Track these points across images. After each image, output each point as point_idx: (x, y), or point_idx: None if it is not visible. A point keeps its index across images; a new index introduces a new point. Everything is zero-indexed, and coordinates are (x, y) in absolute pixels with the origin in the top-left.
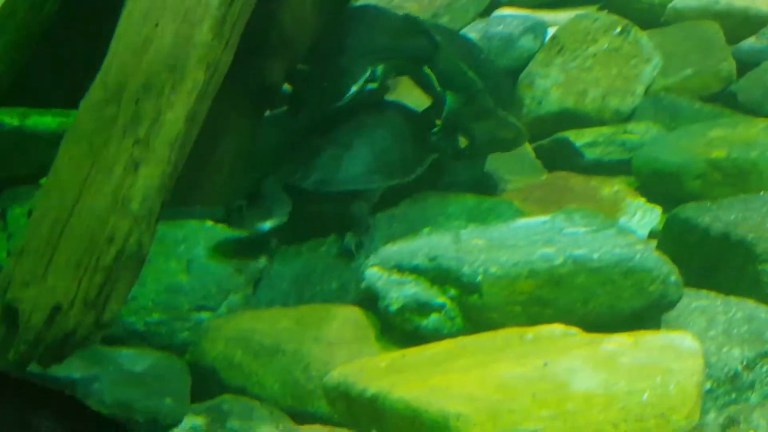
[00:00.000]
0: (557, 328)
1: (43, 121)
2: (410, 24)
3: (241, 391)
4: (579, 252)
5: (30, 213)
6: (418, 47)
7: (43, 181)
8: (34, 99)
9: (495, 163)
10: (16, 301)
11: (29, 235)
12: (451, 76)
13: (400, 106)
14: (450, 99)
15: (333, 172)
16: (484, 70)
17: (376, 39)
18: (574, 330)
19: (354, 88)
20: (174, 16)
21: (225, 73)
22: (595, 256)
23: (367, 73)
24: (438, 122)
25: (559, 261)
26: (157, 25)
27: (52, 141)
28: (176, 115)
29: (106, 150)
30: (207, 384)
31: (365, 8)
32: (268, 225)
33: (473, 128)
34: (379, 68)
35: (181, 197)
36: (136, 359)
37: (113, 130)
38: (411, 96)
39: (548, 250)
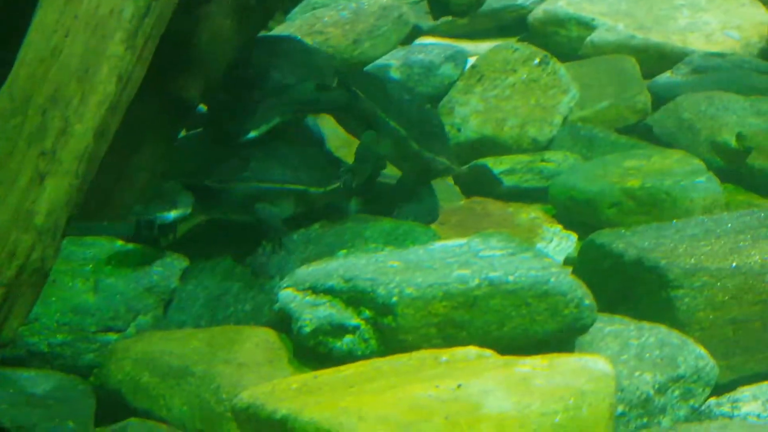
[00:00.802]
0: (472, 350)
1: None
2: (328, 75)
3: (147, 415)
4: (494, 274)
5: None
6: (334, 100)
7: None
8: None
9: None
10: None
11: None
12: (370, 123)
13: (314, 138)
14: (366, 137)
15: (238, 173)
16: (408, 109)
17: (291, 91)
18: (488, 352)
19: (253, 134)
20: (85, 27)
21: (137, 87)
22: (510, 278)
23: (274, 123)
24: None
25: (474, 283)
26: (67, 35)
27: None
28: (85, 126)
29: (10, 161)
30: (112, 407)
31: (287, 42)
32: (172, 215)
33: (381, 165)
34: (286, 118)
35: (90, 212)
36: (37, 381)
37: (18, 141)
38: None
39: (464, 272)
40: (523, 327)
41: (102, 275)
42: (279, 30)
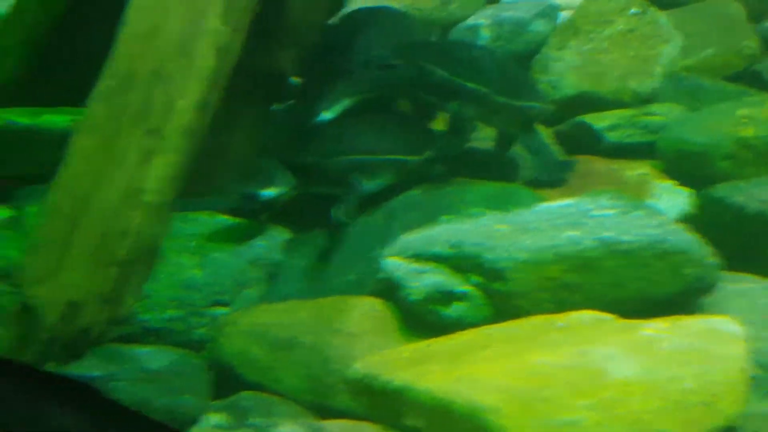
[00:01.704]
0: (588, 314)
1: (55, 119)
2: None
3: (259, 387)
4: (608, 234)
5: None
6: (401, 76)
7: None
8: (47, 97)
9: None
10: (32, 299)
11: (42, 231)
12: (445, 92)
13: (400, 110)
14: (452, 107)
15: (335, 146)
16: (482, 65)
17: (363, 71)
18: (607, 316)
19: (326, 116)
20: (183, 3)
21: (235, 59)
22: (625, 238)
23: (346, 104)
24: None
25: (587, 244)
26: (166, 11)
27: (64, 139)
28: (188, 102)
29: (118, 140)
30: (225, 380)
31: (376, 12)
32: (271, 192)
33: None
34: (356, 99)
35: (189, 188)
36: (153, 357)
37: (124, 120)
38: None
39: (575, 233)
40: (641, 289)
41: (207, 250)
42: None
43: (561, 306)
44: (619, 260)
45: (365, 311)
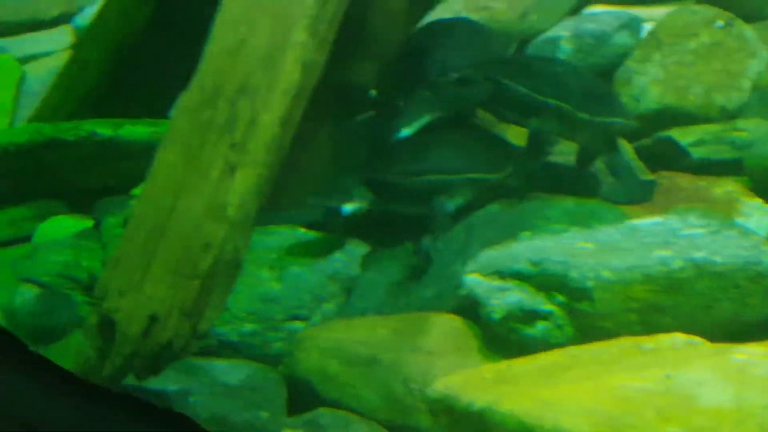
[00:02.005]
0: (679, 337)
1: (137, 130)
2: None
3: (336, 404)
4: (699, 255)
5: (125, 222)
6: (479, 92)
7: (137, 190)
8: (129, 109)
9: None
10: (113, 312)
11: (125, 243)
12: (526, 108)
13: (480, 125)
14: (533, 124)
15: (417, 164)
16: (564, 81)
17: (440, 88)
18: (697, 339)
19: (405, 132)
20: (269, 16)
21: (320, 73)
22: (718, 258)
23: (425, 121)
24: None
25: (677, 264)
26: (252, 25)
27: (145, 151)
28: (272, 116)
29: (202, 154)
30: (302, 396)
31: (454, 24)
32: (349, 208)
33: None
34: (435, 116)
35: (270, 201)
36: (230, 371)
37: (209, 134)
38: None
39: (665, 253)
40: (734, 311)
41: (286, 264)
42: (442, 9)
43: (649, 328)
44: (712, 282)
45: (445, 329)
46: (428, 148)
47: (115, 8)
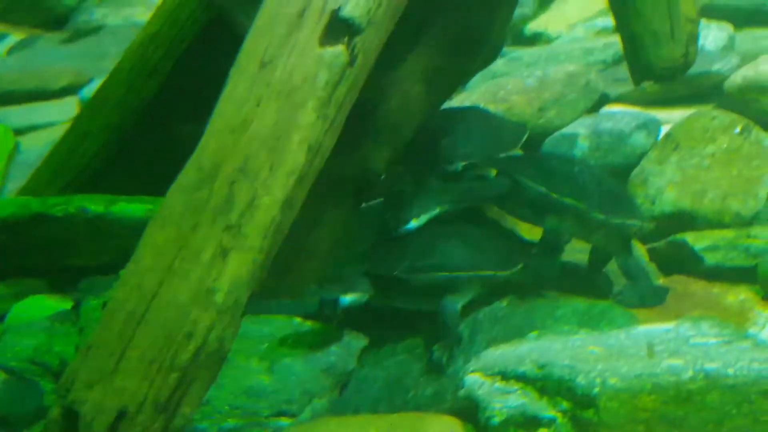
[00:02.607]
0: None
1: (130, 207)
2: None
3: None
4: (711, 366)
5: (104, 305)
6: (495, 188)
7: (122, 271)
8: (128, 186)
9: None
10: (78, 404)
11: (100, 329)
12: (541, 206)
13: (491, 219)
14: (548, 223)
15: (424, 259)
16: (581, 180)
17: (452, 182)
18: None
19: (413, 224)
20: (278, 95)
21: (326, 157)
22: (731, 371)
23: (434, 213)
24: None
25: (688, 375)
26: (258, 104)
27: (139, 230)
28: (273, 199)
29: (194, 236)
30: None
31: (468, 112)
32: (348, 299)
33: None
34: (446, 208)
35: (268, 286)
36: None
37: (203, 214)
38: None
39: (675, 362)
40: (746, 427)
41: (278, 355)
42: (460, 100)
43: None
44: (724, 395)
45: (441, 431)
46: (436, 242)
47: (121, 79)
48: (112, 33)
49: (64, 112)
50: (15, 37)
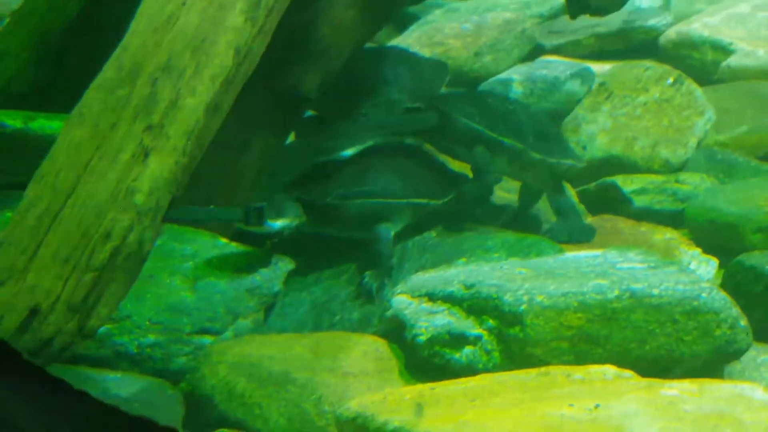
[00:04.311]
0: (610, 369)
1: (50, 124)
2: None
3: (240, 425)
4: (637, 286)
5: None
6: (425, 121)
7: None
8: (49, 106)
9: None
10: None
11: (13, 225)
12: (473, 142)
13: (424, 151)
14: (477, 152)
15: (357, 186)
16: (517, 120)
17: (381, 114)
18: (628, 373)
19: (348, 153)
20: None
21: (255, 63)
22: (655, 291)
23: (366, 144)
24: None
25: (613, 294)
26: (183, 3)
27: None
28: (197, 101)
29: (113, 134)
30: (202, 415)
31: (394, 52)
32: (278, 224)
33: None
34: (377, 140)
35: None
36: (122, 383)
37: (123, 113)
38: None
39: (602, 282)
40: (668, 347)
41: (202, 274)
42: (397, 41)
43: (581, 359)
44: (648, 314)
45: (367, 350)
46: (369, 171)
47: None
48: None
49: None
50: None
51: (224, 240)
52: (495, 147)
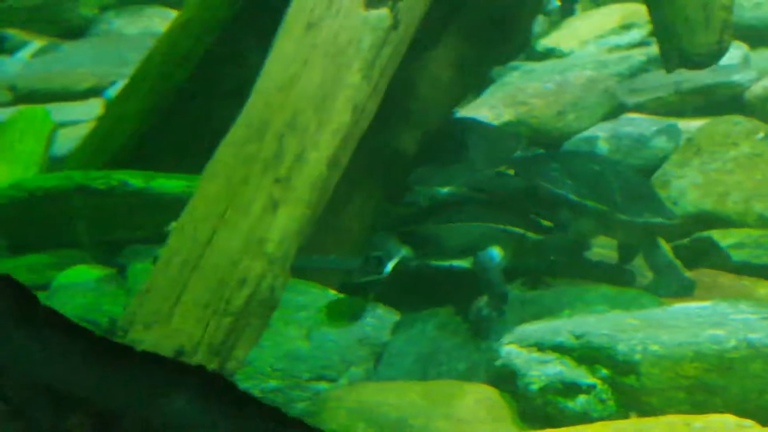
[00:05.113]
0: (730, 418)
1: (169, 183)
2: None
3: None
4: (754, 336)
5: (155, 260)
6: (513, 186)
7: (175, 222)
8: (163, 168)
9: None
10: (136, 344)
11: (157, 274)
12: (556, 206)
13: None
14: (563, 213)
15: (455, 216)
16: (603, 180)
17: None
18: (749, 422)
19: (444, 190)
20: (324, 56)
21: (371, 119)
22: None
23: (457, 190)
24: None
25: (730, 344)
26: (305, 63)
27: (178, 205)
28: (320, 155)
29: (245, 188)
30: None
31: (473, 122)
32: (389, 264)
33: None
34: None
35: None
36: None
37: (254, 167)
38: None
39: (717, 332)
40: None
41: (315, 323)
42: (478, 103)
43: (697, 408)
44: (767, 364)
45: (479, 398)
46: (466, 204)
47: (155, 63)
48: (130, 41)
49: (89, 111)
50: (37, 43)
51: (333, 292)
52: (579, 210)
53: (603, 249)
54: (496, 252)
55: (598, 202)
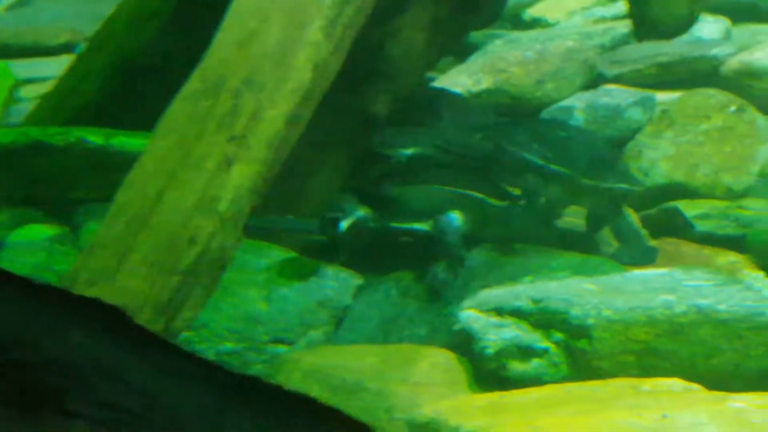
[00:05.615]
0: (677, 382)
1: (130, 141)
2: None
3: None
4: (704, 302)
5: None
6: (480, 148)
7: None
8: (128, 125)
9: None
10: None
11: (103, 230)
12: (524, 171)
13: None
14: (528, 179)
15: (417, 177)
16: (569, 146)
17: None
18: (695, 386)
19: (405, 152)
20: (284, 12)
21: (333, 78)
22: (722, 307)
23: (423, 150)
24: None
25: (681, 309)
26: (265, 20)
27: None
28: (277, 112)
29: (198, 144)
30: None
31: (444, 92)
32: (345, 223)
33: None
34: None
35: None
36: None
37: (208, 124)
38: None
39: (669, 297)
40: (735, 362)
41: (275, 285)
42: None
43: (647, 372)
44: (715, 330)
45: (435, 362)
46: (428, 169)
47: (122, 20)
48: None
49: (59, 68)
50: None
51: (294, 254)
52: (545, 175)
53: (574, 218)
54: (456, 216)
55: (563, 166)
